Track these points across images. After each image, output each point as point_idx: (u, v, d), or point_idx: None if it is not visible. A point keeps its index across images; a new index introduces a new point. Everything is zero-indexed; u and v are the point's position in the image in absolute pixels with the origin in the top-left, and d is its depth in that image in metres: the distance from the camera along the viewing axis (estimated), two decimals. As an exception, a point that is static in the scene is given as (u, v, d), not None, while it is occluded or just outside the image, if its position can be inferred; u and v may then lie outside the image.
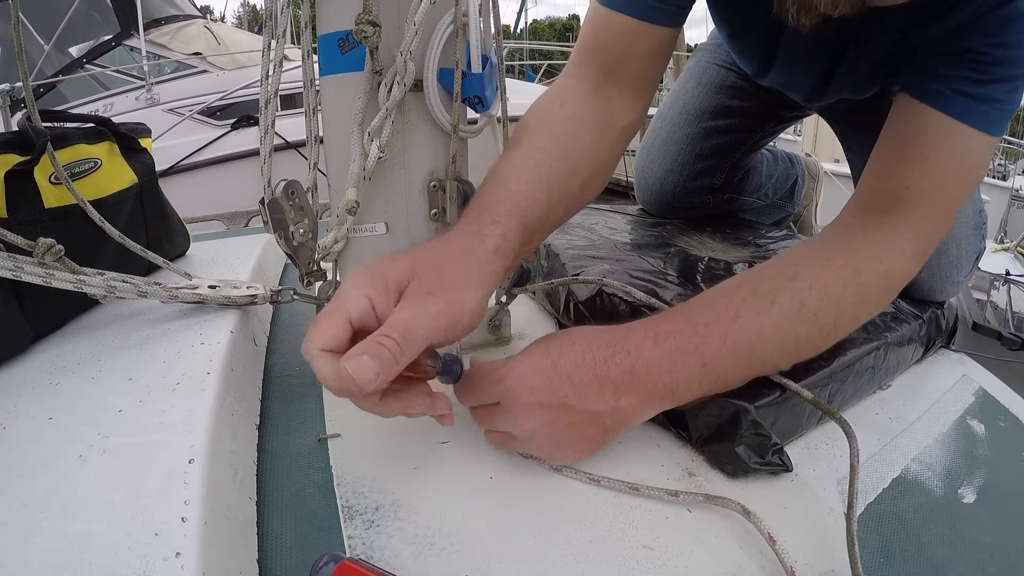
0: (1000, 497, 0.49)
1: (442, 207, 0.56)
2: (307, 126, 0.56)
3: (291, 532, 0.41)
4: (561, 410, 0.43)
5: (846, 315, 0.51)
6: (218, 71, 3.95)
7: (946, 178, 0.52)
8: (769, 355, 0.48)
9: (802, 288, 0.49)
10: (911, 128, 0.53)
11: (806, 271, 0.50)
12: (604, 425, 0.45)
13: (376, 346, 0.34)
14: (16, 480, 0.35)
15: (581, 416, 0.43)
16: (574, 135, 0.55)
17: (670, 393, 0.46)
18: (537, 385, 0.43)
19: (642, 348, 0.45)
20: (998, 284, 2.79)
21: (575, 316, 0.66)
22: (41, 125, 0.54)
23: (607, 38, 0.60)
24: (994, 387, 0.65)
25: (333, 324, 0.36)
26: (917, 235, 0.52)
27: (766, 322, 0.47)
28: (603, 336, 0.46)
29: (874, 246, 0.52)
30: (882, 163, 0.55)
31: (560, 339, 0.46)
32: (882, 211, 0.53)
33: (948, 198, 0.53)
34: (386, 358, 0.34)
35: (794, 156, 1.15)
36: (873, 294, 0.52)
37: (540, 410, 0.43)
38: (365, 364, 0.34)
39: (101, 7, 4.03)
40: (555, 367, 0.43)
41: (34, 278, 0.45)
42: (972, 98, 0.50)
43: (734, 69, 0.91)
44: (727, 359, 0.46)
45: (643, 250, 0.78)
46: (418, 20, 0.45)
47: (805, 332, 0.49)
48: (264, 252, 0.80)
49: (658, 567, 0.39)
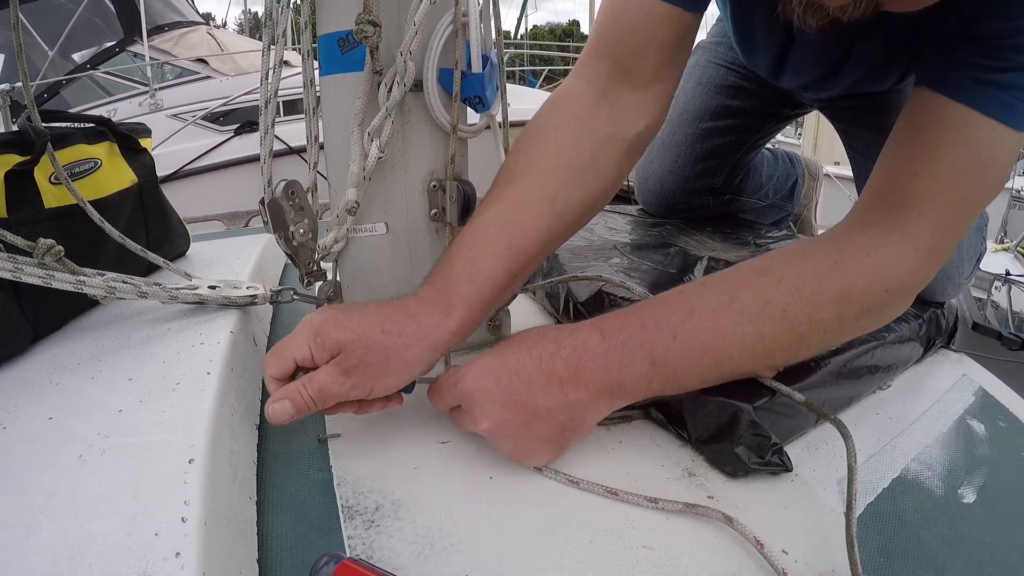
0: (1000, 497, 0.49)
1: (442, 207, 0.56)
2: (307, 126, 0.56)
3: (291, 532, 0.41)
4: (514, 407, 0.44)
5: (825, 312, 0.46)
6: (221, 77, 3.96)
7: (959, 172, 0.47)
8: (730, 355, 0.46)
9: (769, 283, 0.46)
10: (923, 119, 0.48)
11: (778, 266, 0.47)
12: (559, 422, 0.45)
13: (296, 394, 0.42)
14: (16, 480, 0.35)
15: (533, 413, 0.44)
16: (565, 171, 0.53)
17: (619, 388, 0.45)
18: (488, 385, 0.44)
19: (588, 343, 0.45)
20: (998, 284, 2.79)
21: (575, 316, 0.66)
22: (41, 125, 0.54)
23: (626, 25, 0.56)
24: (994, 387, 0.65)
25: (281, 361, 0.44)
26: (919, 230, 0.47)
27: (723, 320, 0.45)
28: (551, 333, 0.46)
29: (865, 239, 0.48)
30: (891, 157, 0.51)
31: (513, 340, 0.47)
32: (885, 205, 0.49)
33: (962, 194, 0.48)
34: (301, 406, 0.43)
35: (794, 156, 1.15)
36: (859, 293, 0.47)
37: (494, 408, 0.44)
38: (284, 407, 0.42)
39: (105, 13, 4.05)
40: (504, 365, 0.44)
41: (34, 279, 0.45)
42: (991, 86, 0.45)
43: (734, 68, 0.91)
44: (679, 357, 0.45)
45: (643, 250, 0.78)
46: (418, 20, 0.45)
47: (771, 331, 0.46)
48: (264, 252, 0.80)
49: (658, 567, 0.39)
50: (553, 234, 0.53)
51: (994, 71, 0.45)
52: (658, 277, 0.69)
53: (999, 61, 0.45)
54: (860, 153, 0.83)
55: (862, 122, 0.82)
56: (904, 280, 0.49)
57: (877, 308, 0.49)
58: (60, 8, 3.89)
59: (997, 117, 0.45)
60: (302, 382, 0.43)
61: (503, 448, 0.46)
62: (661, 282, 0.68)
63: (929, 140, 0.47)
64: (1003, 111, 0.45)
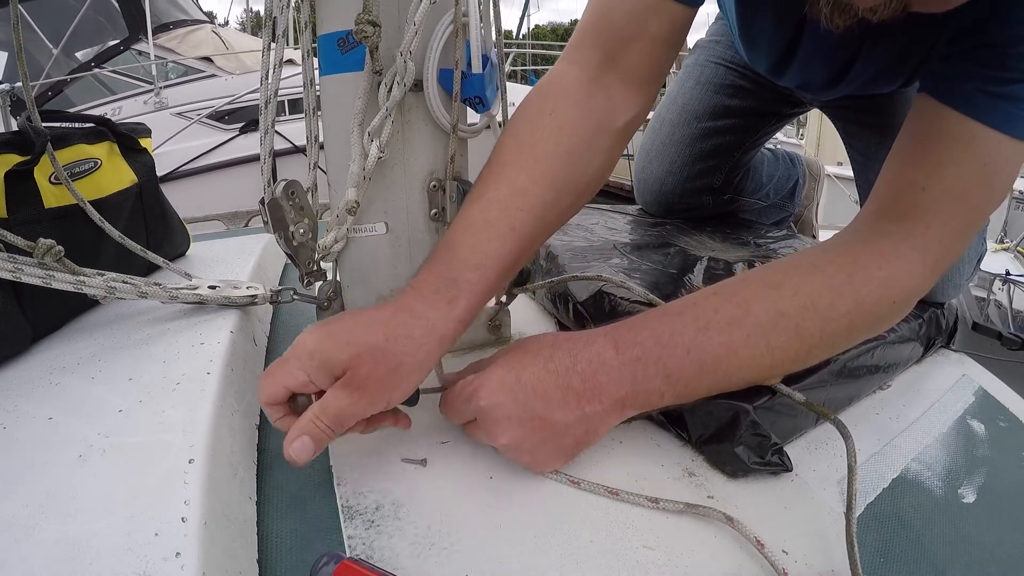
0: (1000, 497, 0.49)
1: (442, 207, 0.56)
2: (307, 126, 0.56)
3: (291, 532, 0.41)
4: (532, 424, 0.43)
5: (836, 325, 0.47)
6: (226, 75, 3.96)
7: (966, 184, 0.47)
8: (740, 368, 0.46)
9: (783, 296, 0.46)
10: (930, 129, 0.49)
11: (791, 279, 0.47)
12: (575, 436, 0.45)
13: (313, 427, 0.40)
14: (16, 480, 0.35)
15: (551, 428, 0.44)
16: (563, 156, 0.52)
17: (632, 401, 0.45)
18: (504, 401, 0.43)
19: (603, 356, 0.44)
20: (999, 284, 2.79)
21: (575, 316, 0.66)
22: (41, 125, 0.54)
23: (620, 16, 0.55)
24: (994, 387, 0.65)
25: (273, 386, 0.42)
26: (926, 242, 0.48)
27: (737, 334, 0.45)
28: (565, 344, 0.46)
29: (875, 252, 0.48)
30: (898, 166, 0.51)
31: (524, 350, 0.46)
32: (893, 216, 0.49)
33: (968, 207, 0.49)
34: (321, 438, 0.41)
35: (795, 156, 1.15)
36: (870, 305, 0.47)
37: (511, 425, 0.43)
38: (304, 445, 0.40)
39: (109, 12, 4.05)
40: (520, 380, 0.44)
41: (34, 279, 0.45)
42: (997, 98, 0.46)
43: (733, 67, 0.91)
44: (692, 371, 0.45)
45: (643, 250, 0.78)
46: (418, 20, 0.45)
47: (783, 344, 0.46)
48: (264, 252, 0.80)
49: (658, 567, 0.39)
50: (551, 218, 0.52)
51: (1000, 82, 0.45)
52: (658, 277, 0.69)
53: (1006, 71, 0.45)
54: (860, 152, 0.83)
55: (863, 122, 0.82)
56: (911, 291, 0.50)
57: (885, 318, 0.50)
58: (64, 6, 3.89)
59: (1002, 129, 0.46)
60: (315, 412, 0.41)
61: (519, 460, 0.45)
62: (661, 282, 0.68)
63: (936, 153, 0.48)
64: (1008, 123, 0.46)
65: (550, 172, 0.51)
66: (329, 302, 0.60)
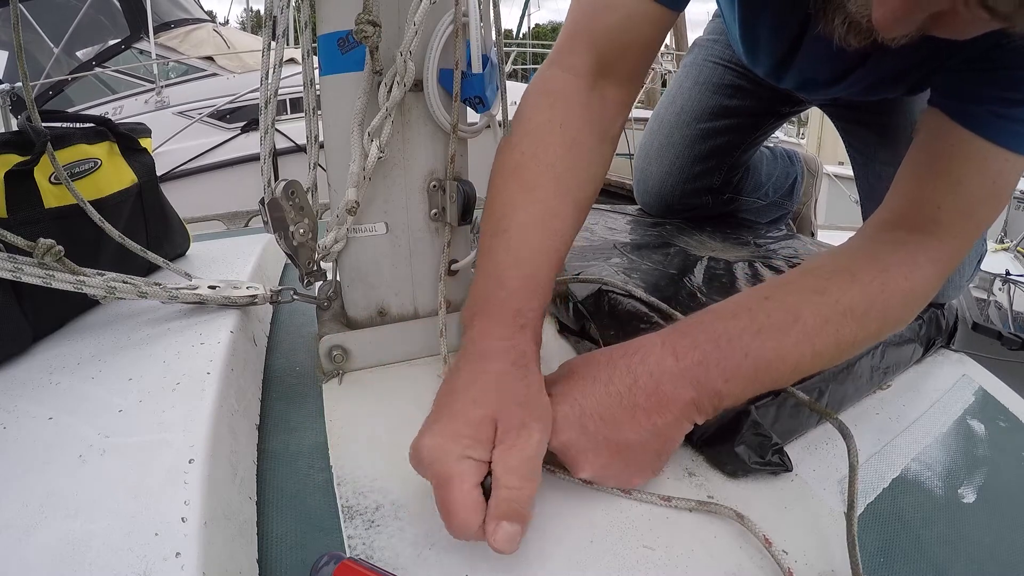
0: (1000, 497, 0.49)
1: (442, 207, 0.56)
2: (307, 126, 0.56)
3: (291, 532, 0.41)
4: (607, 451, 0.43)
5: (867, 332, 0.49)
6: (228, 74, 3.95)
7: (977, 201, 0.51)
8: (785, 372, 0.47)
9: (828, 303, 0.47)
10: (945, 147, 0.51)
11: (833, 285, 0.48)
12: (653, 450, 0.44)
13: (507, 506, 0.36)
14: (16, 480, 0.35)
15: (628, 450, 0.43)
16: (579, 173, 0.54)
17: (700, 404, 0.44)
18: (574, 437, 0.43)
19: (664, 366, 0.44)
20: (999, 284, 2.79)
21: (575, 315, 0.66)
22: (41, 125, 0.54)
23: (613, 22, 0.55)
24: (994, 387, 0.65)
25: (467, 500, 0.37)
26: (941, 255, 0.51)
27: (787, 340, 0.45)
28: (620, 362, 0.45)
29: (901, 262, 0.50)
30: (914, 179, 0.53)
31: (578, 376, 0.45)
32: (908, 228, 0.52)
33: (977, 220, 0.52)
34: (523, 514, 0.37)
35: (793, 153, 1.15)
36: (895, 312, 0.50)
37: (587, 458, 0.43)
38: (510, 533, 0.36)
39: (110, 11, 4.04)
40: (584, 412, 0.43)
41: (34, 279, 0.45)
42: (1007, 119, 0.49)
43: (732, 66, 0.91)
44: (747, 374, 0.44)
45: (643, 250, 0.78)
46: (418, 20, 0.45)
47: (824, 349, 0.47)
48: (264, 252, 0.80)
49: (658, 567, 0.39)
50: (576, 232, 0.55)
51: (1011, 104, 0.48)
52: (658, 277, 0.69)
53: (1016, 93, 0.48)
54: (859, 152, 0.83)
55: (863, 121, 0.82)
56: (926, 300, 0.53)
57: (902, 323, 0.54)
58: (65, 5, 3.89)
59: (1010, 147, 0.49)
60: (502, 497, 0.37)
61: (608, 485, 0.45)
62: (661, 282, 0.68)
63: (950, 173, 0.51)
64: (1016, 142, 0.49)
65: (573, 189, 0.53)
66: (329, 302, 0.60)
